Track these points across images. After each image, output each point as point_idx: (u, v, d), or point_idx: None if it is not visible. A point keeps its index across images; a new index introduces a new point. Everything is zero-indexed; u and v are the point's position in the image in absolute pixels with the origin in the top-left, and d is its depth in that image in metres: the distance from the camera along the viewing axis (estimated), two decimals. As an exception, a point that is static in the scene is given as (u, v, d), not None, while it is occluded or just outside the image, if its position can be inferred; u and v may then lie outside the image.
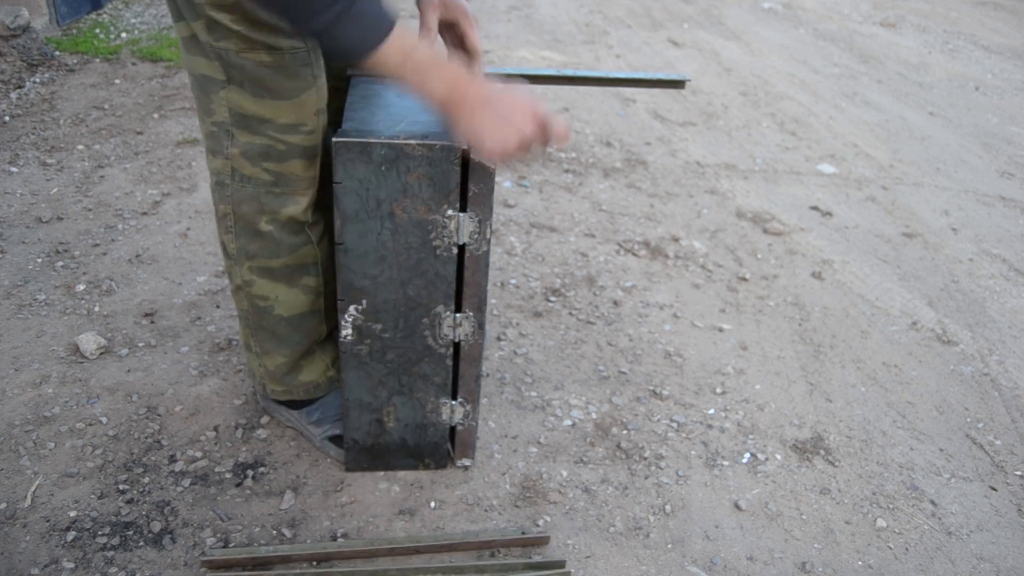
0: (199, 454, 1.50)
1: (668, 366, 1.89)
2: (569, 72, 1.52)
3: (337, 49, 1.06)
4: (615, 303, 2.10)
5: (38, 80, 3.01)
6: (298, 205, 1.29)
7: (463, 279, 1.29)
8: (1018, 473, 1.69)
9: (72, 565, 1.27)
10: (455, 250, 1.26)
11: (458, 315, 1.33)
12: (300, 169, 1.26)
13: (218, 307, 1.92)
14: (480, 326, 1.34)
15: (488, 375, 1.78)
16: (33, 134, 2.63)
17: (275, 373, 1.46)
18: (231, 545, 1.33)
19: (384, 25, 1.05)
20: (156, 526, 1.35)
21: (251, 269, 1.34)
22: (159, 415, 1.59)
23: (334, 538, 1.36)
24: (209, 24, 1.14)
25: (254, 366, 1.48)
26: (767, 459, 1.64)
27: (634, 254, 2.35)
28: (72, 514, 1.36)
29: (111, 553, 1.30)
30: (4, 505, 1.37)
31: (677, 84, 1.57)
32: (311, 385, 1.50)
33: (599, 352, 1.91)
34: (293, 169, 1.26)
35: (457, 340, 1.35)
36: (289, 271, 1.35)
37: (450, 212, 1.22)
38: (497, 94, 1.12)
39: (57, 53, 3.23)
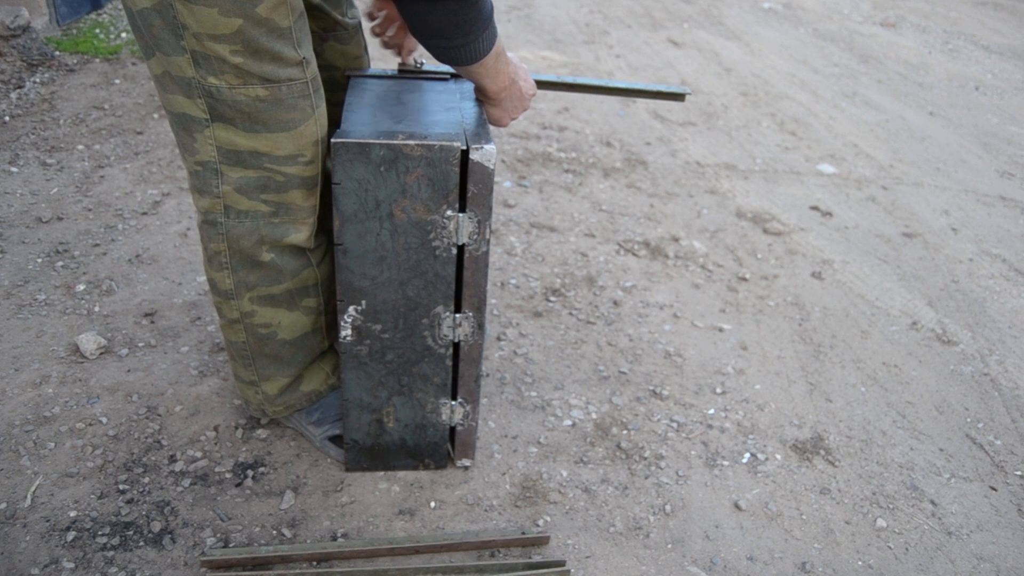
0: (199, 454, 1.50)
1: (668, 366, 1.89)
2: (570, 79, 1.52)
3: (462, 58, 1.16)
4: (615, 303, 2.10)
5: (38, 80, 3.01)
6: (300, 234, 1.27)
7: (462, 279, 1.29)
8: (1018, 473, 1.69)
9: (72, 565, 1.27)
10: (454, 250, 1.26)
11: (458, 315, 1.33)
12: (300, 199, 1.24)
13: (218, 307, 1.92)
14: (480, 326, 1.34)
15: (488, 375, 1.78)
16: (33, 134, 2.63)
17: (275, 396, 1.45)
18: (231, 545, 1.33)
19: (495, 30, 1.16)
20: (156, 526, 1.35)
21: (252, 300, 1.31)
22: (159, 415, 1.59)
23: (334, 538, 1.36)
24: (197, 59, 1.08)
25: (249, 394, 1.46)
26: (767, 459, 1.64)
27: (634, 254, 2.35)
28: (72, 514, 1.36)
29: (111, 553, 1.30)
30: (4, 505, 1.37)
31: (677, 97, 1.58)
32: (313, 394, 1.50)
33: (599, 352, 1.91)
34: (293, 199, 1.23)
35: (457, 340, 1.35)
36: (290, 295, 1.34)
37: (449, 212, 1.22)
38: (517, 77, 1.30)
39: (57, 53, 3.23)
